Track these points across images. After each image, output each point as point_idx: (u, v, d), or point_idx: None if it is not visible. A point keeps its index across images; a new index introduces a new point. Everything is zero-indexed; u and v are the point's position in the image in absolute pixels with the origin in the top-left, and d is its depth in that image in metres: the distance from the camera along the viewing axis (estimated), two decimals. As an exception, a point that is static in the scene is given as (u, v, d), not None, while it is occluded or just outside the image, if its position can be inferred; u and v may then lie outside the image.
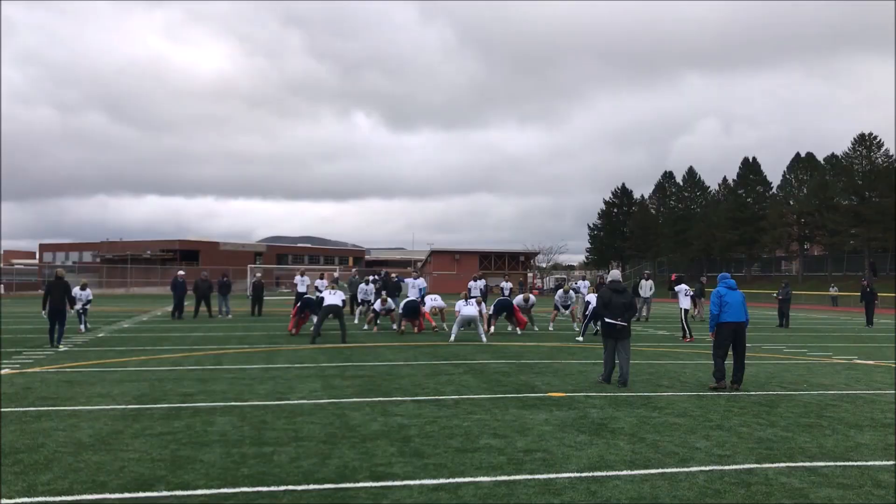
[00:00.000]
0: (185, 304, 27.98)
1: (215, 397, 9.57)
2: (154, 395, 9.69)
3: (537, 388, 10.61)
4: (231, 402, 9.24)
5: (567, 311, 23.39)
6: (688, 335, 19.79)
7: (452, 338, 18.16)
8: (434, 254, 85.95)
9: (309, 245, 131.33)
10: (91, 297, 22.21)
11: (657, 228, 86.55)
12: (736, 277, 71.23)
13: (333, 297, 17.88)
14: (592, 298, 19.76)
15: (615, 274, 11.55)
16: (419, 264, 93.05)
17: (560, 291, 23.03)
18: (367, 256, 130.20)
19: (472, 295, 23.44)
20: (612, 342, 10.82)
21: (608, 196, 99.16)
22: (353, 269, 32.17)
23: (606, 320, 10.93)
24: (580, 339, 18.80)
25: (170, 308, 29.37)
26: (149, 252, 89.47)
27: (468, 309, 18.34)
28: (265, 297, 32.30)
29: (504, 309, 20.98)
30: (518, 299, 22.38)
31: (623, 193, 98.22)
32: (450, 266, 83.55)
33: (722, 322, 10.69)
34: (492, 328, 20.69)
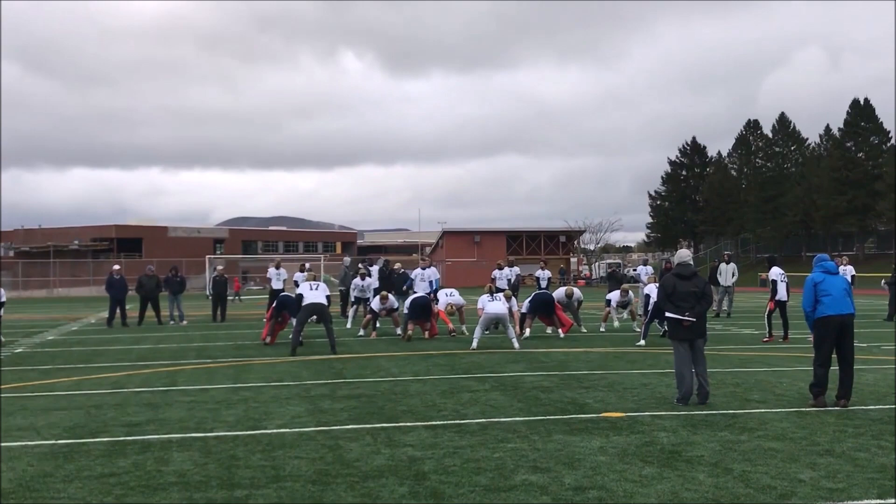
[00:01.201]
0: (127, 307, 28.13)
1: (170, 427, 9.65)
2: (91, 427, 9.71)
3: (588, 407, 10.65)
4: (191, 432, 9.31)
5: (626, 311, 23.49)
6: (769, 333, 19.76)
7: (475, 344, 18.23)
8: (448, 235, 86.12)
9: (284, 228, 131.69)
10: (4, 300, 22.36)
11: (739, 195, 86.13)
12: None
13: (316, 294, 17.90)
14: (653, 290, 19.77)
15: (682, 255, 11.53)
16: (428, 250, 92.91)
17: (616, 293, 23.21)
18: (360, 241, 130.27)
19: (498, 288, 23.53)
20: (684, 347, 10.77)
21: (674, 154, 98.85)
22: (345, 258, 32.20)
23: (670, 315, 10.86)
24: (642, 342, 18.81)
25: (105, 314, 29.55)
26: (77, 242, 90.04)
27: (495, 306, 18.40)
28: (229, 297, 32.43)
29: (542, 306, 21.03)
30: (559, 293, 22.44)
31: (694, 150, 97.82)
32: (468, 251, 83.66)
33: (822, 316, 10.53)
34: (527, 331, 20.76)
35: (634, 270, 27.15)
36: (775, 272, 20.38)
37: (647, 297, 20.45)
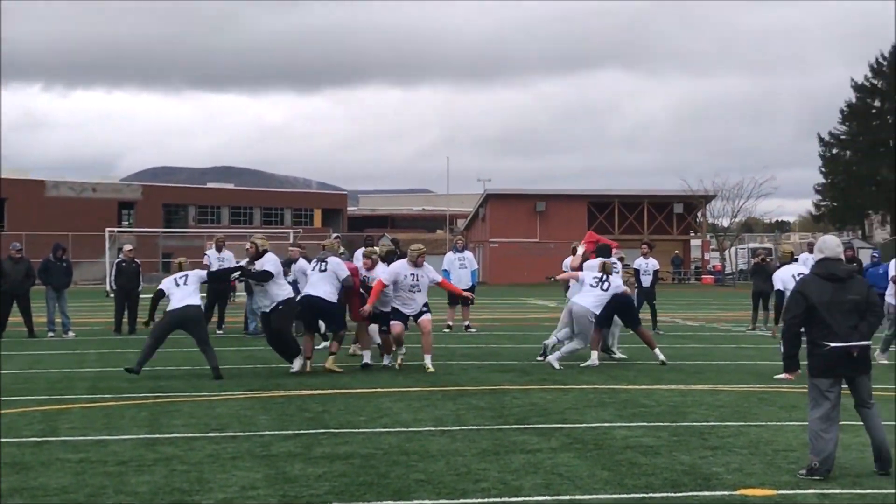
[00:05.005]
0: None
1: (47, 502, 7.78)
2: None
3: (716, 480, 8.61)
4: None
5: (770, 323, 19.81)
6: None
7: (555, 362, 15.50)
8: (493, 201, 65.67)
9: (231, 185, 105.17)
10: None
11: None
12: None
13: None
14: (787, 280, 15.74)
15: (829, 243, 9.29)
16: (461, 224, 78.47)
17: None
18: (352, 208, 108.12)
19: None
20: (831, 390, 8.73)
21: (862, 74, 70.87)
22: (334, 236, 25.21)
23: (825, 344, 8.68)
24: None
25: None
26: None
27: (584, 298, 15.54)
28: (141, 293, 25.82)
29: (623, 313, 16.90)
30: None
31: (895, 67, 68.91)
32: (525, 226, 63.27)
33: None
34: (593, 355, 16.61)
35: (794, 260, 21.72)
36: None
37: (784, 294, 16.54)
